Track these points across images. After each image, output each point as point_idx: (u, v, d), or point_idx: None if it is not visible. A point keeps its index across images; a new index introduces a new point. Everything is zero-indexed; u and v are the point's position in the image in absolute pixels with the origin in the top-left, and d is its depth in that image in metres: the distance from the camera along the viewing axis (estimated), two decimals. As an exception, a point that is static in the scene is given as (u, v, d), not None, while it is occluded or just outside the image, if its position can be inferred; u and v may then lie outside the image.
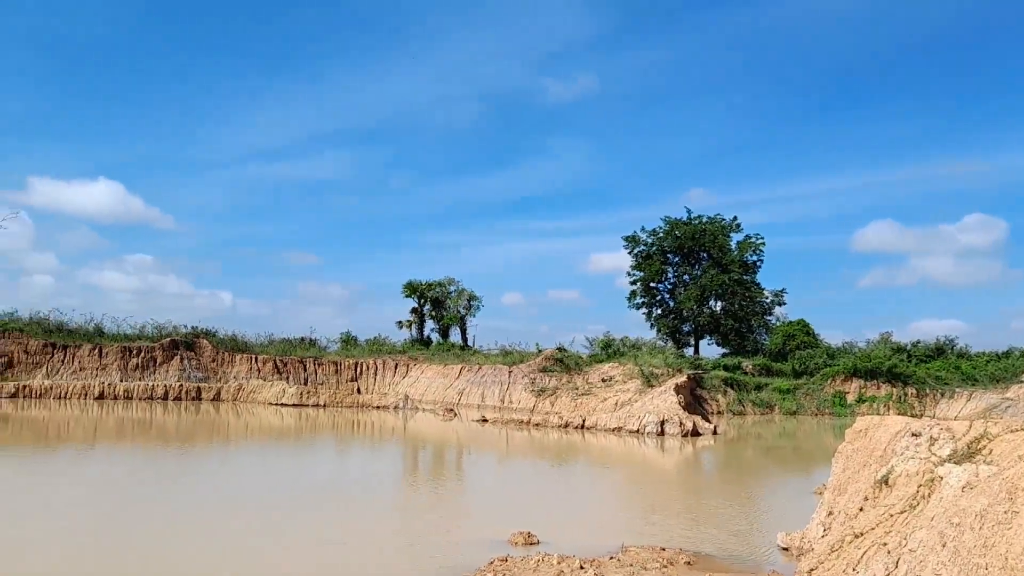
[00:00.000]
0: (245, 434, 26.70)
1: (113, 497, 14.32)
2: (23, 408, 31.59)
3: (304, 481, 17.28)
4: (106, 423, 27.99)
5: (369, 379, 44.84)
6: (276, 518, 12.51)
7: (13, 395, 35.14)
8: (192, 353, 41.68)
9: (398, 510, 14.27)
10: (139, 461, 19.60)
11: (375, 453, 23.66)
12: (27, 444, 21.94)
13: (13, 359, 37.81)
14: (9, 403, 33.24)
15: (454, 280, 55.17)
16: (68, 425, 26.90)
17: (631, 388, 33.30)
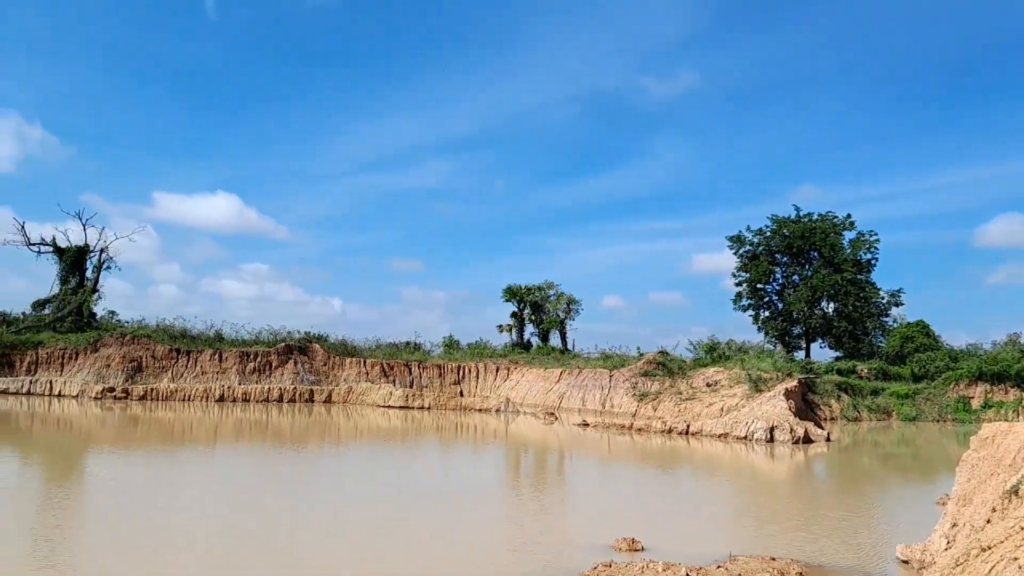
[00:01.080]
0: (355, 435, 27.60)
1: (236, 494, 15.09)
2: (151, 410, 33.77)
3: (411, 483, 17.69)
4: (226, 424, 29.53)
5: (471, 382, 45.53)
6: (385, 519, 12.88)
7: (142, 397, 37.65)
8: (305, 357, 43.47)
9: (502, 513, 14.40)
10: (258, 460, 20.59)
11: (478, 456, 23.97)
12: (156, 444, 23.40)
13: (142, 364, 40.51)
14: (139, 405, 35.63)
15: (553, 284, 55.30)
16: (192, 426, 28.55)
17: (738, 393, 32.41)
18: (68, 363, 40.26)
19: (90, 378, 39.09)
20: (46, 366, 40.12)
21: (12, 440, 23.00)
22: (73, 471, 17.81)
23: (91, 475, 17.35)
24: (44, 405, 33.68)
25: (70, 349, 40.67)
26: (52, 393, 37.90)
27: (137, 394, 37.91)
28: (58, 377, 39.26)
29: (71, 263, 47.46)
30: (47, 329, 43.58)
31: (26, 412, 30.57)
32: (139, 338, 41.67)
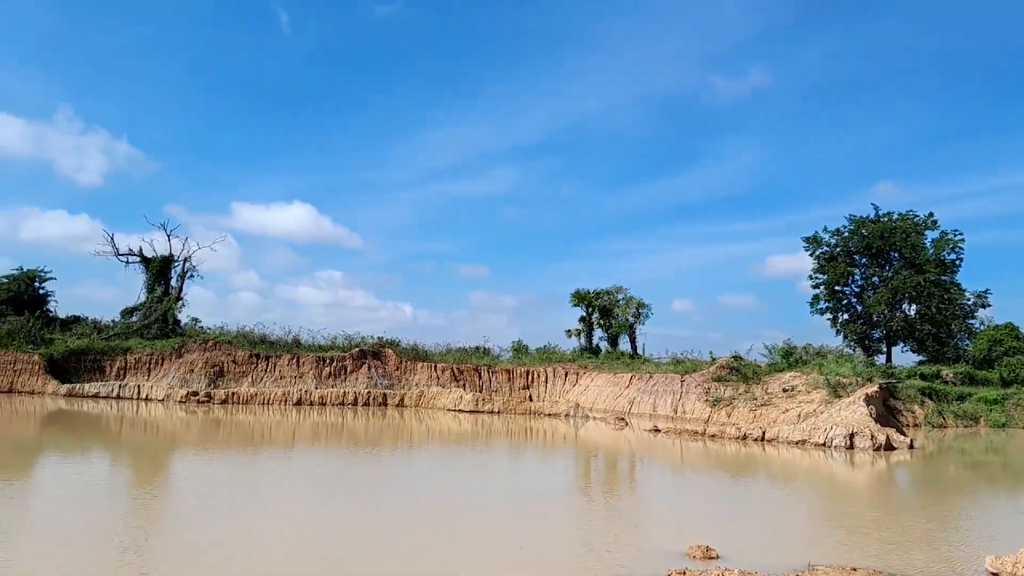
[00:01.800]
0: (427, 438, 27.98)
1: (314, 496, 15.52)
2: (232, 413, 34.97)
3: (483, 487, 17.85)
4: (303, 427, 30.35)
5: (540, 387, 45.57)
6: (457, 523, 13.04)
7: (224, 401, 39.04)
8: (378, 362, 44.32)
9: (573, 518, 14.39)
10: (334, 463, 21.10)
11: (549, 460, 23.99)
12: (237, 446, 24.22)
13: (223, 368, 42.00)
14: (221, 408, 36.94)
15: (622, 288, 54.90)
16: (271, 429, 29.44)
17: (815, 399, 31.53)
18: (155, 368, 42.08)
19: (175, 383, 40.76)
20: (134, 371, 42.02)
21: (102, 442, 24.17)
22: (159, 472, 18.61)
23: (176, 476, 18.10)
24: (132, 408, 35.27)
25: (156, 355, 42.51)
26: (140, 397, 39.65)
27: (219, 398, 39.33)
28: (145, 382, 41.07)
29: (157, 272, 49.69)
30: (135, 336, 45.70)
31: (115, 415, 32.08)
32: (221, 344, 43.25)
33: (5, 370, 40.09)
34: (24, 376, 40.02)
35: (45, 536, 10.74)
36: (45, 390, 39.53)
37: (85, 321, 48.47)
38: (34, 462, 19.24)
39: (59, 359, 41.52)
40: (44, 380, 39.99)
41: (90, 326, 47.55)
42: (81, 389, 39.61)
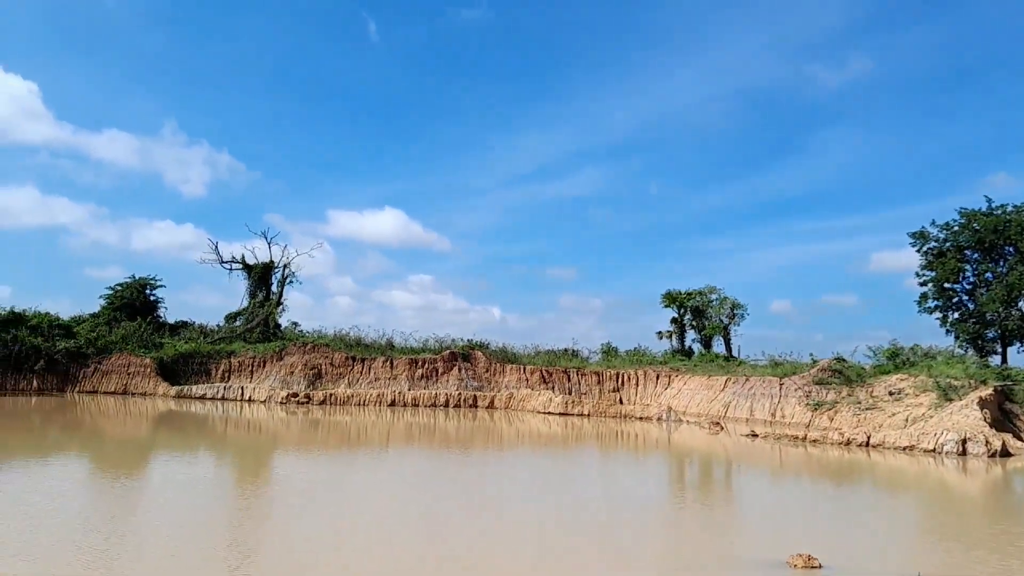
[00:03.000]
0: (517, 440, 28.04)
1: (409, 496, 15.75)
2: (330, 414, 36.03)
3: (573, 490, 17.71)
4: (397, 428, 30.95)
5: (631, 390, 45.00)
6: (547, 527, 12.96)
7: (322, 402, 40.31)
8: (468, 364, 44.80)
9: (667, 525, 14.09)
10: (428, 463, 21.38)
11: (640, 465, 23.61)
12: (335, 446, 24.89)
13: (321, 371, 43.37)
14: (319, 409, 38.13)
15: (715, 288, 53.58)
16: (366, 429, 30.16)
17: (924, 402, 29.91)
18: (257, 371, 43.86)
19: (276, 384, 42.36)
20: (238, 373, 43.92)
21: (209, 442, 25.31)
22: (262, 471, 19.31)
23: (278, 474, 18.73)
24: (236, 409, 36.84)
25: (258, 358, 44.31)
26: (243, 398, 41.40)
27: (318, 399, 40.63)
28: (248, 383, 42.84)
29: (258, 278, 51.87)
30: (238, 340, 47.79)
31: (221, 416, 33.57)
32: (319, 347, 44.71)
33: (120, 373, 42.63)
34: (137, 378, 42.45)
35: (154, 532, 11.27)
36: (156, 392, 41.83)
37: (192, 326, 51.02)
38: (147, 461, 20.33)
39: (169, 362, 43.88)
40: (155, 382, 42.32)
41: (197, 331, 50.02)
42: (189, 391, 41.70)
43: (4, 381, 40.94)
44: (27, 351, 41.46)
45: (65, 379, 42.19)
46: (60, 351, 42.23)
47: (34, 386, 41.21)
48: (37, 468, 17.22)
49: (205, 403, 39.30)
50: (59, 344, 42.56)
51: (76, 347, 43.01)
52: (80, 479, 16.41)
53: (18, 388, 40.86)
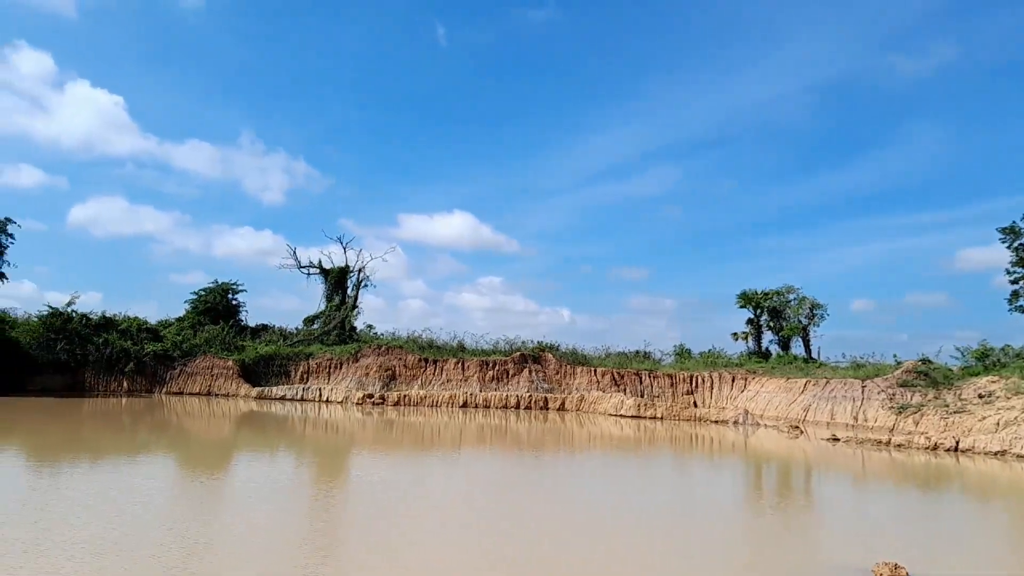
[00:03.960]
0: (588, 443, 27.84)
1: (481, 497, 15.82)
2: (404, 414, 36.56)
3: (647, 494, 17.46)
4: (469, 429, 31.16)
5: (705, 392, 44.14)
6: (621, 531, 12.80)
7: (396, 403, 40.96)
8: (538, 366, 44.78)
9: (745, 532, 13.73)
10: (500, 465, 21.43)
11: (716, 469, 23.10)
12: (409, 446, 25.22)
13: (395, 372, 44.08)
14: (393, 410, 38.74)
15: (793, 288, 52.11)
16: (439, 430, 30.45)
17: (1017, 405, 28.35)
18: (334, 372, 44.87)
19: (352, 385, 43.26)
20: (316, 375, 45.02)
21: (289, 441, 25.98)
22: (340, 469, 19.70)
23: (355, 475, 19.07)
24: (315, 410, 37.76)
25: (335, 360, 45.34)
26: (321, 399, 42.42)
27: (392, 400, 41.30)
28: (326, 385, 43.87)
29: (335, 283, 53.14)
30: (316, 342, 49.00)
31: (300, 416, 34.45)
32: (393, 349, 45.47)
33: (204, 374, 44.27)
34: (220, 380, 44.00)
35: (234, 530, 11.62)
36: (238, 393, 43.27)
37: (272, 329, 52.58)
38: (229, 460, 21.02)
39: (250, 364, 45.35)
40: (237, 384, 43.79)
41: (277, 333, 51.53)
42: (269, 392, 43.00)
43: (97, 382, 43.06)
44: (117, 354, 43.50)
45: (153, 380, 44.08)
46: (148, 354, 44.17)
47: (124, 387, 43.19)
48: (126, 467, 18.00)
49: (285, 404, 40.43)
50: (147, 347, 44.52)
51: (163, 350, 44.92)
52: (166, 478, 17.08)
53: (109, 389, 42.89)
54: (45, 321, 43.19)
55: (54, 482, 15.14)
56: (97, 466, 17.63)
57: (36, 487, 14.63)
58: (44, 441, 22.76)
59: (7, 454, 20.03)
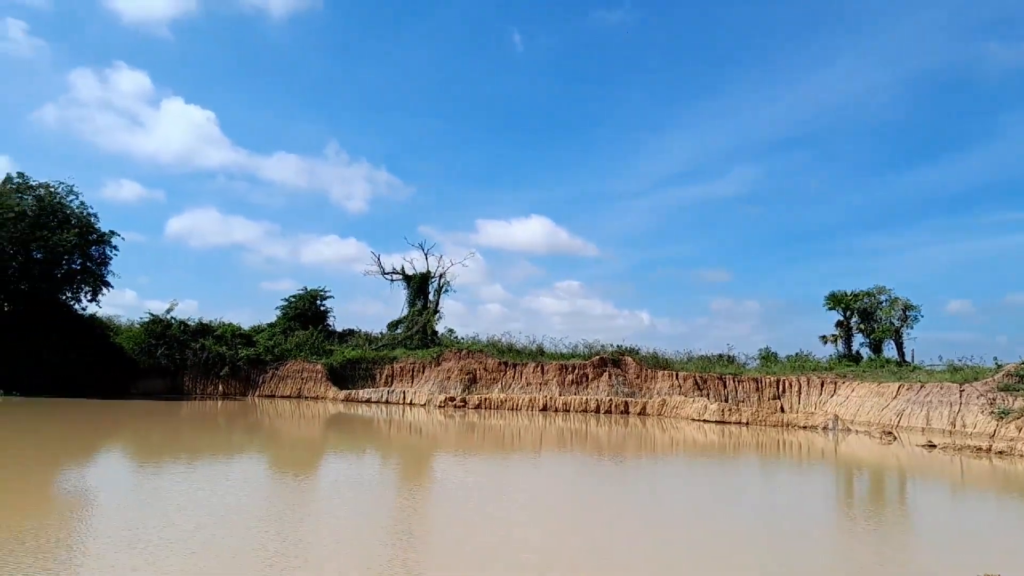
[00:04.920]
0: (671, 448, 27.55)
1: (562, 500, 15.92)
2: (484, 417, 36.99)
3: (732, 501, 17.21)
4: (549, 432, 31.28)
5: (792, 397, 42.98)
6: (704, 538, 12.68)
7: (477, 406, 41.48)
8: (618, 370, 44.54)
9: (838, 542, 13.37)
10: (581, 469, 21.48)
11: (805, 477, 22.50)
12: (490, 449, 25.52)
13: (476, 376, 44.63)
14: (475, 413, 39.25)
15: (885, 288, 50.15)
16: (519, 433, 30.70)
17: None
18: (417, 376, 45.80)
19: (434, 389, 44.07)
20: (399, 378, 46.05)
21: (375, 443, 26.71)
22: (423, 471, 20.15)
23: (438, 476, 19.47)
24: (399, 412, 38.64)
25: (418, 363, 46.27)
26: (405, 402, 43.37)
27: (473, 403, 41.85)
28: (409, 388, 44.83)
29: (417, 288, 54.27)
30: (400, 346, 50.12)
31: (385, 418, 35.32)
32: (473, 353, 46.09)
33: (295, 378, 45.93)
34: (310, 383, 45.55)
35: (323, 530, 12.08)
36: (327, 395, 44.70)
37: (358, 333, 54.03)
38: (319, 460, 21.78)
39: (338, 368, 46.77)
40: (326, 387, 45.24)
41: (362, 338, 52.94)
42: (356, 394, 44.25)
43: (194, 386, 45.25)
44: (213, 358, 45.58)
45: (246, 384, 45.99)
46: (242, 358, 46.12)
47: (220, 390, 45.22)
48: (221, 467, 18.90)
49: (371, 406, 41.53)
50: (241, 352, 46.49)
51: (256, 354, 46.82)
52: (259, 478, 17.85)
53: (206, 392, 44.99)
54: (147, 328, 45.69)
55: (156, 481, 16.06)
56: (195, 465, 18.57)
57: (139, 485, 15.57)
58: (146, 442, 24.12)
59: (114, 454, 21.35)
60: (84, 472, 17.25)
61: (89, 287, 41.92)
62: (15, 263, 38.59)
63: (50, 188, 40.54)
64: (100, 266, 42.18)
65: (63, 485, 15.32)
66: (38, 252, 39.41)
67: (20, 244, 38.48)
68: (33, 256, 39.30)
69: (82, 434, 24.85)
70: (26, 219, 38.34)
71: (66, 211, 40.60)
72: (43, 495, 13.91)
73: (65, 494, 14.31)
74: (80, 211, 41.33)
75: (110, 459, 20.17)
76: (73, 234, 39.76)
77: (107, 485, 15.47)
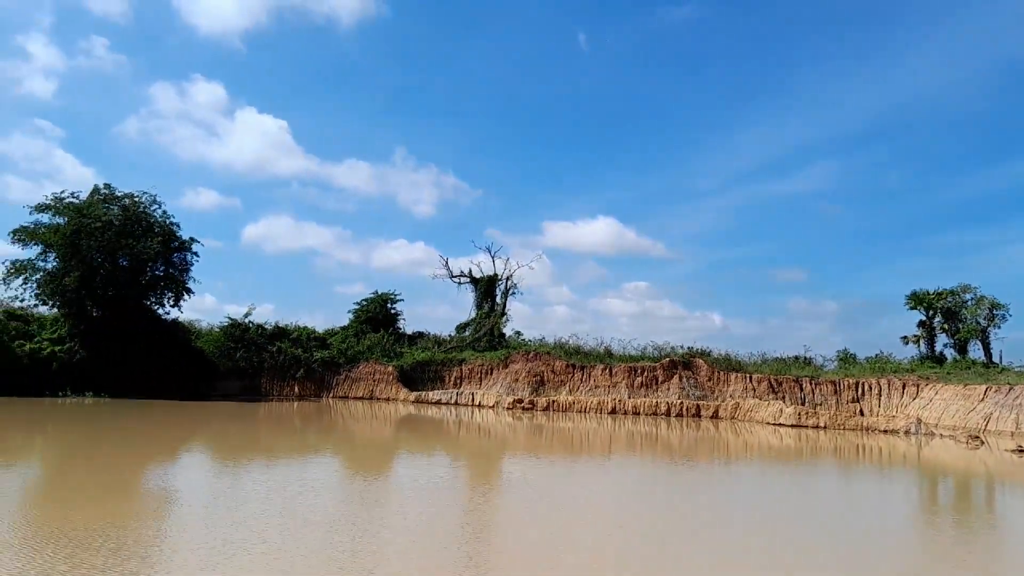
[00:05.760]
0: (745, 453, 26.98)
1: (632, 504, 15.79)
2: (552, 420, 36.96)
3: (809, 511, 16.76)
4: (619, 435, 31.04)
5: (872, 400, 41.54)
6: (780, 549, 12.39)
7: (545, 408, 41.48)
8: (689, 372, 43.86)
9: (923, 553, 12.88)
10: (651, 471, 21.25)
11: (886, 484, 21.72)
12: (559, 451, 25.49)
13: (544, 378, 44.64)
14: (543, 415, 39.27)
15: (970, 287, 48.05)
16: (588, 436, 30.56)
17: None
18: (485, 378, 46.10)
19: (502, 391, 44.26)
20: (468, 380, 46.45)
21: (444, 444, 27.00)
22: (493, 472, 20.27)
23: (507, 477, 19.56)
24: (468, 414, 38.97)
25: (486, 365, 46.58)
26: (473, 404, 43.71)
27: (541, 405, 41.87)
28: (478, 390, 45.16)
29: (484, 291, 54.70)
30: (468, 348, 50.54)
31: (454, 420, 35.67)
32: (541, 355, 46.11)
33: (367, 380, 46.87)
34: (381, 385, 46.40)
35: (396, 530, 12.27)
36: (398, 397, 45.44)
37: (427, 336, 54.74)
38: (391, 461, 22.16)
39: (408, 370, 47.50)
40: (397, 388, 46.01)
41: (431, 340, 53.60)
42: (426, 396, 44.84)
43: (271, 387, 46.64)
44: (289, 361, 46.89)
45: (321, 385, 47.15)
46: (317, 360, 47.32)
47: (295, 392, 46.48)
48: (297, 467, 19.41)
49: (440, 408, 42.02)
50: (316, 354, 47.70)
51: (330, 357, 47.97)
52: (333, 477, 18.28)
53: (282, 394, 46.31)
54: (226, 331, 47.32)
55: (235, 480, 16.62)
56: (273, 465, 19.14)
57: (219, 485, 16.15)
58: (227, 442, 24.99)
59: (196, 454, 22.19)
60: (168, 471, 17.99)
61: (172, 293, 43.63)
62: (103, 271, 40.50)
63: (135, 198, 42.39)
64: (182, 272, 43.86)
65: (148, 483, 16.01)
66: (124, 260, 41.26)
67: (107, 252, 40.37)
68: (119, 264, 41.16)
69: (167, 434, 25.91)
70: (113, 228, 40.18)
71: (150, 220, 42.37)
72: (129, 493, 14.57)
73: (149, 492, 14.96)
74: (163, 220, 43.08)
75: (193, 459, 20.97)
76: (156, 242, 41.48)
77: (189, 484, 16.09)
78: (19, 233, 39.99)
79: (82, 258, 39.44)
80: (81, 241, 39.17)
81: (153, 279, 43.06)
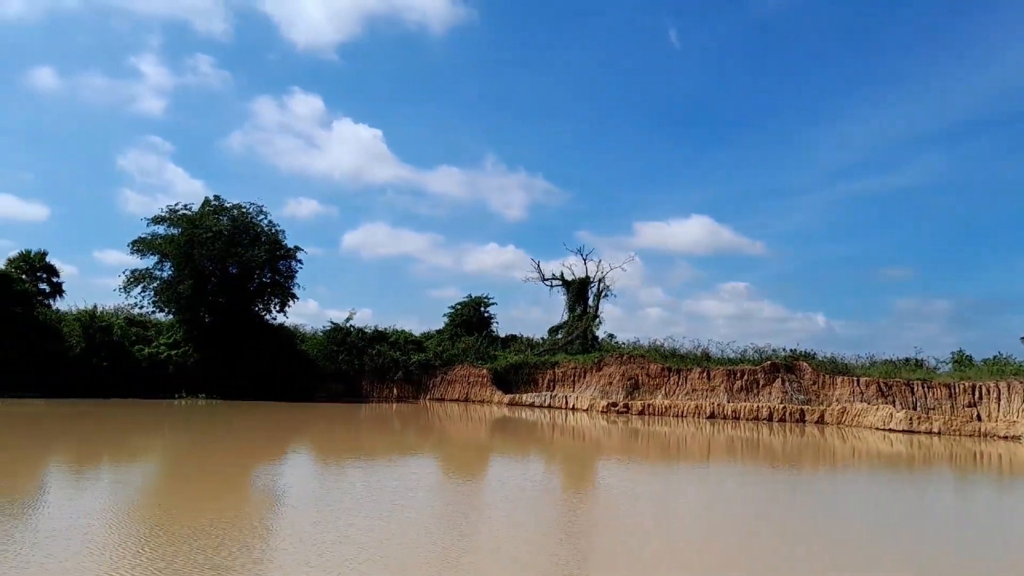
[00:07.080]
0: (853, 460, 25.86)
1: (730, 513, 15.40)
2: (648, 424, 36.46)
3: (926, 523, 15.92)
4: (718, 440, 30.31)
5: (991, 404, 38.96)
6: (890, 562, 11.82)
7: (640, 412, 40.98)
8: (792, 376, 42.38)
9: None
10: (753, 479, 20.63)
11: (1009, 493, 20.36)
12: (655, 456, 25.13)
13: (638, 381, 44.08)
14: (638, 419, 38.79)
15: (1103, 284, 44.36)
16: (686, 441, 29.98)
17: None
18: (578, 381, 45.94)
19: (596, 394, 43.99)
20: (561, 383, 46.40)
21: (539, 447, 27.06)
22: (588, 476, 20.17)
23: (602, 482, 19.41)
24: (562, 417, 38.92)
25: (579, 368, 46.42)
26: (567, 407, 43.63)
27: (636, 409, 41.39)
28: (571, 393, 45.05)
29: (576, 293, 54.54)
30: (560, 351, 50.52)
31: (548, 423, 35.69)
32: (635, 358, 45.56)
33: (462, 382, 47.55)
34: (476, 387, 46.97)
35: (495, 523, 12.36)
36: (492, 399, 45.88)
37: (520, 339, 55.07)
38: (486, 463, 22.38)
39: (502, 372, 47.90)
40: (491, 390, 46.45)
41: (524, 343, 53.89)
42: (520, 398, 45.09)
43: (371, 389, 48.00)
44: (388, 363, 48.13)
45: (418, 387, 48.19)
46: (414, 363, 48.39)
47: (394, 393, 47.67)
48: (397, 467, 19.87)
49: (534, 410, 42.16)
50: (413, 357, 48.80)
51: (426, 360, 48.96)
52: (429, 478, 18.60)
53: (381, 395, 47.59)
54: (328, 335, 49.02)
55: (339, 481, 17.15)
56: (373, 466, 19.66)
57: (323, 484, 16.70)
58: (330, 443, 25.85)
59: (300, 455, 23.04)
60: (275, 471, 18.75)
61: (278, 299, 45.55)
62: (214, 278, 42.69)
63: (242, 208, 44.48)
64: (287, 279, 45.73)
65: (256, 482, 16.73)
66: (233, 268, 43.36)
67: (218, 261, 42.51)
68: (229, 271, 43.29)
69: (274, 435, 27.03)
70: (222, 238, 42.29)
71: (256, 229, 44.36)
72: (237, 491, 15.27)
73: (256, 491, 15.63)
74: (269, 229, 45.03)
75: (299, 459, 21.79)
76: (263, 250, 43.40)
77: (295, 484, 16.71)
78: (137, 244, 42.70)
79: (195, 267, 41.70)
80: (194, 250, 41.42)
81: (260, 286, 45.07)
